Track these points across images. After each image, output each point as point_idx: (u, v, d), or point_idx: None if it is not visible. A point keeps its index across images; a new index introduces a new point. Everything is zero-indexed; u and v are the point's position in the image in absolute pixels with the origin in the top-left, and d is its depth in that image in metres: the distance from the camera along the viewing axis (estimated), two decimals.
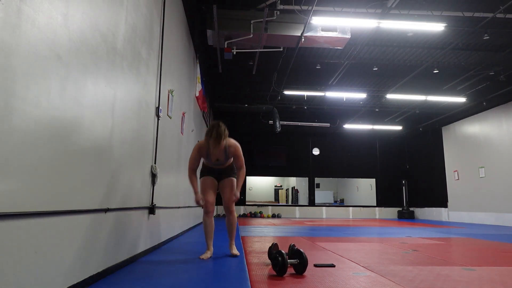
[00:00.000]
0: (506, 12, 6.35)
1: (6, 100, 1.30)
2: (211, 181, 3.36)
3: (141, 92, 3.09)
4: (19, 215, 1.39)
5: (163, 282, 2.22)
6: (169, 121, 4.29)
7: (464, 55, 8.48)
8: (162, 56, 3.81)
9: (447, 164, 12.87)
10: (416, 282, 2.34)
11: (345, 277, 2.47)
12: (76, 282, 1.89)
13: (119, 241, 2.58)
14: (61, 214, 1.72)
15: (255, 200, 17.44)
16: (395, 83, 10.18)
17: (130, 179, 2.80)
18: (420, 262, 3.15)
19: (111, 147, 2.37)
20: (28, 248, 1.46)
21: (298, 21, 6.50)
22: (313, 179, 15.32)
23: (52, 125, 1.61)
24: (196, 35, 6.72)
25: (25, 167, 1.42)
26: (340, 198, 20.76)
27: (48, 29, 1.57)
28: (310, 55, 8.73)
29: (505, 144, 10.18)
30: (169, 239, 4.46)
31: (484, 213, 10.87)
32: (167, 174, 4.27)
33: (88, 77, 1.99)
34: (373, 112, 12.62)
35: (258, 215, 14.54)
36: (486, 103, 10.32)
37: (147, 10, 3.24)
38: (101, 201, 2.21)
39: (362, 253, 3.72)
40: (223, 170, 3.40)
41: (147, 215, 3.39)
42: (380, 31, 7.30)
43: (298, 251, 2.62)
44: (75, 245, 1.87)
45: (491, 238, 5.79)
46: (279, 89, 9.94)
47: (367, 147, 15.62)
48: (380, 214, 15.18)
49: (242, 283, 2.21)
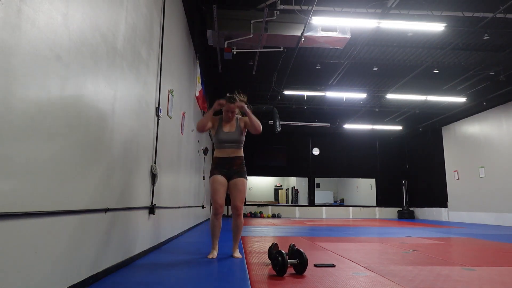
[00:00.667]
0: (506, 12, 6.35)
1: (6, 100, 1.30)
2: (221, 180, 3.25)
3: (141, 92, 3.09)
4: (19, 215, 1.39)
5: (163, 282, 2.22)
6: (169, 121, 4.29)
7: (464, 55, 8.48)
8: (162, 56, 3.81)
9: (447, 164, 12.87)
10: (416, 282, 2.34)
11: (345, 277, 2.47)
12: (76, 282, 1.89)
13: (119, 241, 2.58)
14: (61, 214, 1.72)
15: (255, 200, 17.44)
16: (395, 83, 10.18)
17: (130, 179, 2.80)
18: (420, 262, 3.15)
19: (111, 147, 2.37)
20: (28, 248, 1.45)
21: (298, 21, 6.50)
22: (313, 179, 15.32)
23: (51, 125, 1.61)
24: (196, 35, 6.72)
25: (25, 167, 1.42)
26: (340, 198, 20.76)
27: (48, 29, 1.57)
28: (310, 55, 8.73)
29: (505, 144, 10.18)
30: (169, 239, 4.46)
31: (484, 213, 10.87)
32: (167, 174, 4.27)
33: (88, 77, 1.99)
34: (373, 112, 12.62)
35: (258, 215, 14.54)
36: (486, 103, 10.32)
37: (147, 10, 3.24)
38: (101, 201, 2.21)
39: (362, 253, 3.72)
40: (234, 162, 3.27)
41: (147, 215, 3.39)
42: (380, 31, 7.30)
43: (298, 251, 2.62)
44: (74, 245, 1.87)
45: (491, 238, 5.79)
46: (279, 89, 9.94)
47: (367, 147, 15.62)
48: (380, 214, 15.18)
49: (242, 283, 2.21)
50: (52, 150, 1.63)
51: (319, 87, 10.55)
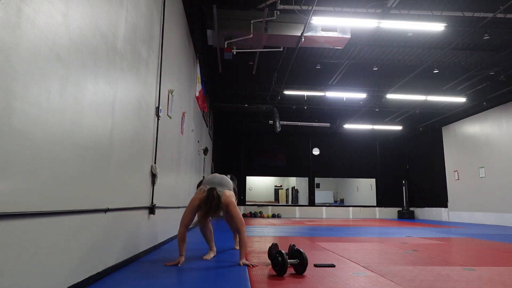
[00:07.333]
0: (506, 12, 6.35)
1: (6, 100, 1.30)
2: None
3: (141, 92, 3.09)
4: (19, 215, 1.39)
5: (163, 282, 2.22)
6: (169, 121, 4.29)
7: (464, 55, 8.48)
8: (162, 56, 3.81)
9: (447, 164, 12.87)
10: (416, 282, 2.34)
11: (345, 277, 2.47)
12: (76, 282, 1.89)
13: (119, 241, 2.58)
14: (61, 214, 1.72)
15: (255, 200, 17.44)
16: (395, 83, 10.18)
17: (130, 179, 2.79)
18: (420, 262, 3.15)
19: (111, 147, 2.37)
20: (28, 248, 1.45)
21: (298, 21, 6.50)
22: (313, 179, 15.31)
23: (51, 125, 1.61)
24: (196, 35, 6.72)
25: (25, 167, 1.42)
26: (340, 198, 20.75)
27: (48, 29, 1.56)
28: (310, 55, 8.73)
29: (505, 144, 10.18)
30: (169, 239, 4.47)
31: (484, 213, 10.87)
32: (167, 174, 4.27)
33: (88, 77, 1.99)
34: (373, 112, 12.62)
35: (258, 215, 14.54)
36: (486, 103, 10.32)
37: (147, 10, 3.24)
38: (101, 201, 2.21)
39: (362, 253, 3.72)
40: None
41: (147, 215, 3.39)
42: (380, 31, 7.30)
43: (298, 251, 2.62)
44: (75, 245, 1.87)
45: (491, 238, 5.79)
46: (279, 89, 9.93)
47: (367, 147, 15.62)
48: (380, 214, 15.17)
49: (242, 283, 2.21)
50: (52, 150, 1.63)
51: (319, 87, 10.55)
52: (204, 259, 3.12)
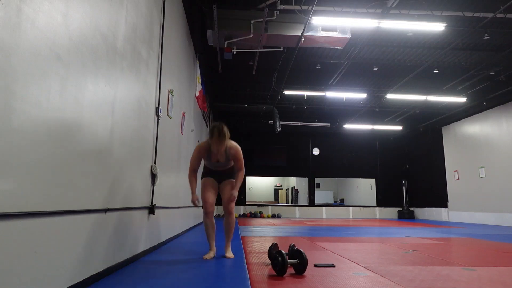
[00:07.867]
0: (506, 12, 6.35)
1: (6, 100, 1.30)
2: (211, 182, 3.36)
3: (141, 92, 3.09)
4: (19, 215, 1.39)
5: (163, 282, 2.22)
6: (169, 121, 4.29)
7: (464, 55, 8.48)
8: (162, 56, 3.81)
9: (447, 164, 12.87)
10: (416, 282, 2.34)
11: (345, 277, 2.47)
12: (76, 282, 1.88)
13: (119, 241, 2.58)
14: (61, 214, 1.72)
15: (255, 200, 17.44)
16: (395, 83, 10.18)
17: (130, 179, 2.79)
18: (420, 262, 3.15)
19: (111, 147, 2.37)
20: (28, 248, 1.45)
21: (298, 21, 6.50)
22: (313, 179, 15.31)
23: (52, 125, 1.61)
24: (196, 35, 6.72)
25: (25, 167, 1.42)
26: (340, 198, 20.76)
27: (48, 29, 1.56)
28: (310, 55, 8.73)
29: (505, 144, 10.18)
30: (169, 239, 4.46)
31: (484, 213, 10.87)
32: (167, 174, 4.27)
33: (88, 77, 1.99)
34: (373, 112, 12.62)
35: (258, 215, 14.54)
36: (486, 103, 10.32)
37: (147, 10, 3.24)
38: (101, 201, 2.21)
39: (362, 253, 3.72)
40: (223, 172, 3.39)
41: (147, 215, 3.39)
42: (380, 31, 7.30)
43: (298, 251, 2.62)
44: (75, 245, 1.87)
45: (491, 238, 5.79)
46: (279, 89, 9.93)
47: (367, 147, 15.62)
48: (380, 214, 15.18)
49: (242, 283, 2.21)
50: (51, 150, 1.63)
51: (319, 87, 10.55)
52: (204, 259, 3.12)
